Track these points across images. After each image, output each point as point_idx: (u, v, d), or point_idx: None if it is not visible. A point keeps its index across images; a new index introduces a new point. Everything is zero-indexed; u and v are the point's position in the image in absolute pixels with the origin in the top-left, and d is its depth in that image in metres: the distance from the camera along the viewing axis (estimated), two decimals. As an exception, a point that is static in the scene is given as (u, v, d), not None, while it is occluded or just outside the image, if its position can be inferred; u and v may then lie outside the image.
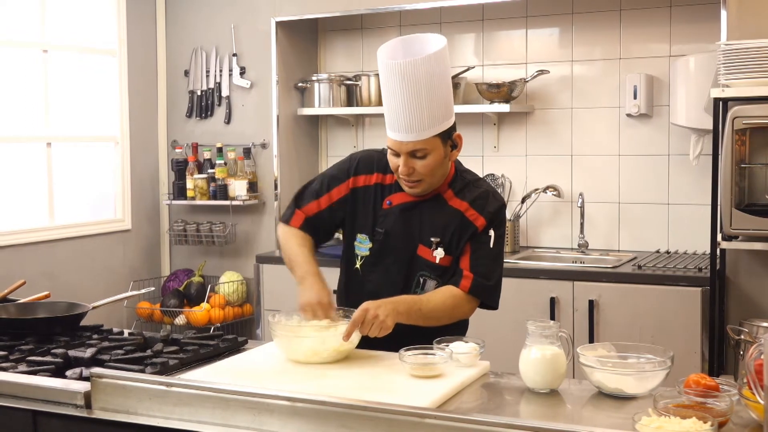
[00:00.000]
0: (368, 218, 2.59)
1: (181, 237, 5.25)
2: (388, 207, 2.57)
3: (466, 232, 2.53)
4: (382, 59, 2.43)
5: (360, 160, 2.64)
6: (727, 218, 3.61)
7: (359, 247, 2.61)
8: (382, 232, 2.56)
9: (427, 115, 2.40)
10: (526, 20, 4.72)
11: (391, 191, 2.58)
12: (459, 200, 2.55)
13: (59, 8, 4.84)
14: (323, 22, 5.21)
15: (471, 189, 2.57)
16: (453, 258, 2.54)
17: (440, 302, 2.48)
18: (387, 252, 2.57)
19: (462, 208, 2.54)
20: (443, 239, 2.53)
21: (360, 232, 2.60)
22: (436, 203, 2.56)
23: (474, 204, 2.54)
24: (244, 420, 1.84)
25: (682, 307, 3.81)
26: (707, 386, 1.89)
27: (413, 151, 2.44)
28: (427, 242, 2.54)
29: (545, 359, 2.11)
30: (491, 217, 2.54)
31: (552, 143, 4.70)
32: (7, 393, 2.11)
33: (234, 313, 5.07)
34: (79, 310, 2.69)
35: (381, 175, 2.60)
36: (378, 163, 2.61)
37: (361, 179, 2.61)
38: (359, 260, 2.61)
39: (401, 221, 2.56)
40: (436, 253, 2.53)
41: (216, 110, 5.29)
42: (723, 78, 3.59)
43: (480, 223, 2.53)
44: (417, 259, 2.55)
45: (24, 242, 4.59)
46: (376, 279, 2.58)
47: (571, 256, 4.52)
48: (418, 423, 1.69)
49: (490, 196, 2.57)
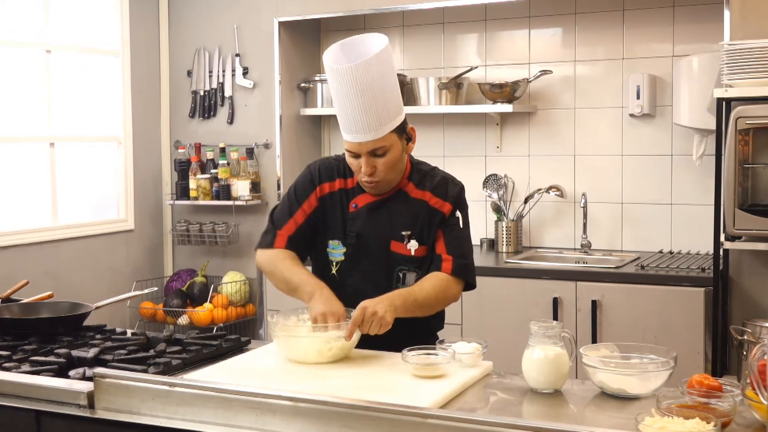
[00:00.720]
0: (338, 224, 2.63)
1: (184, 237, 5.25)
2: (354, 210, 2.61)
3: (434, 219, 2.60)
4: (329, 65, 2.46)
5: (320, 169, 2.68)
6: (730, 218, 3.60)
7: (332, 254, 2.64)
8: (354, 235, 2.60)
9: (381, 113, 2.46)
10: (529, 20, 4.72)
11: (354, 194, 2.63)
12: (420, 191, 2.62)
13: (62, 8, 4.84)
14: (326, 23, 5.21)
15: (429, 178, 2.64)
16: (427, 247, 2.60)
17: (431, 288, 2.52)
18: (362, 253, 2.61)
19: (426, 197, 2.61)
20: (414, 231, 2.59)
21: (331, 239, 2.63)
22: (399, 198, 2.61)
23: (435, 192, 2.61)
24: (246, 420, 1.84)
25: (685, 307, 3.80)
26: (710, 386, 1.88)
27: (373, 150, 2.49)
28: (398, 237, 2.59)
29: (548, 359, 2.11)
30: (455, 201, 2.62)
31: (555, 143, 4.70)
32: (10, 393, 2.11)
33: (237, 313, 5.07)
34: (82, 310, 2.70)
35: (342, 180, 2.65)
36: (337, 169, 2.67)
37: (326, 187, 2.66)
38: (335, 266, 2.64)
39: (370, 221, 2.60)
40: (410, 245, 2.59)
41: (219, 110, 5.29)
42: (726, 78, 3.58)
43: (447, 209, 2.60)
44: (392, 255, 2.60)
45: (27, 242, 4.60)
46: (356, 281, 2.60)
47: (574, 257, 4.52)
48: (420, 423, 1.69)
49: (449, 182, 2.65)
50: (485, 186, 4.74)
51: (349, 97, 2.44)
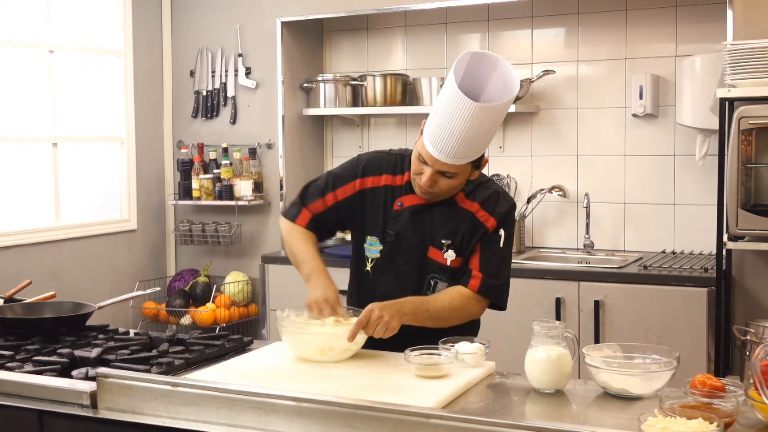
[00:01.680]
0: (378, 220, 2.58)
1: (187, 237, 5.25)
2: (399, 209, 2.56)
3: (476, 233, 2.52)
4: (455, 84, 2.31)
5: (367, 162, 2.62)
6: (733, 218, 3.60)
7: (369, 250, 2.59)
8: (393, 234, 2.55)
9: (471, 148, 2.38)
10: (532, 20, 4.72)
11: (401, 193, 2.57)
12: (470, 201, 2.54)
13: (65, 9, 4.85)
14: (328, 23, 5.21)
15: (481, 190, 2.56)
16: (463, 259, 2.54)
17: (447, 302, 2.47)
18: (398, 254, 2.56)
19: (473, 209, 2.53)
20: (454, 241, 2.53)
21: (370, 234, 2.59)
22: (447, 205, 2.54)
23: (484, 205, 2.53)
24: (249, 420, 1.84)
25: (688, 307, 3.80)
26: (713, 387, 1.88)
27: (443, 171, 2.42)
28: (437, 244, 2.53)
29: (551, 360, 2.10)
30: (502, 218, 2.53)
31: (558, 143, 4.69)
32: (13, 393, 2.11)
33: (239, 313, 5.07)
34: (85, 310, 2.70)
35: (390, 176, 2.59)
36: (386, 164, 2.60)
37: (369, 181, 2.59)
38: (369, 262, 2.60)
39: (412, 223, 2.54)
40: (447, 255, 2.53)
41: (221, 110, 5.29)
42: (729, 78, 3.58)
43: (491, 224, 2.52)
44: (428, 261, 2.55)
45: (30, 242, 4.60)
46: (388, 281, 2.56)
47: (576, 257, 4.52)
48: (423, 423, 1.69)
49: (500, 197, 2.56)
50: (488, 186, 4.73)
51: (453, 122, 2.33)
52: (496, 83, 2.40)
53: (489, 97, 2.39)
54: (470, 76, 2.38)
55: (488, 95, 2.39)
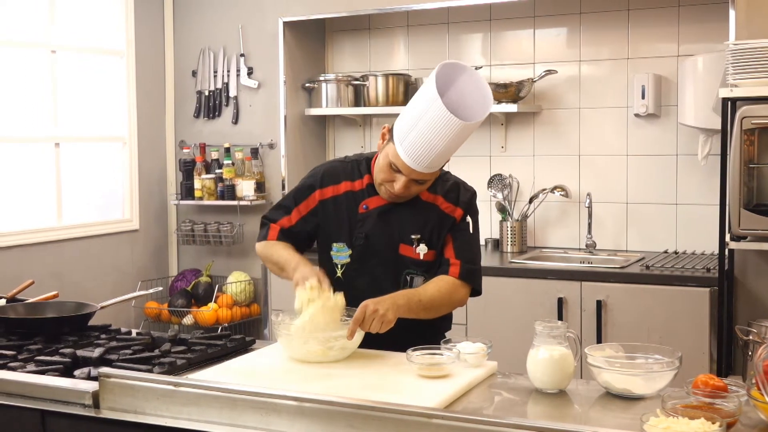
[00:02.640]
0: (343, 226, 2.62)
1: (189, 237, 5.26)
2: (365, 211, 2.61)
3: (445, 224, 2.59)
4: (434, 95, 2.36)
5: (324, 173, 2.68)
6: (736, 218, 3.60)
7: (337, 256, 2.63)
8: (363, 236, 2.60)
9: (445, 157, 2.47)
10: (534, 20, 4.72)
11: (363, 196, 2.62)
12: (431, 195, 2.61)
13: (67, 9, 4.85)
14: (330, 22, 5.21)
15: (440, 183, 2.63)
16: (436, 251, 2.59)
17: (436, 290, 2.52)
18: (370, 255, 2.60)
19: (437, 202, 2.60)
20: (423, 235, 2.59)
21: (335, 241, 2.63)
22: (410, 201, 2.60)
23: (447, 197, 2.61)
24: (251, 420, 1.84)
25: (691, 307, 3.80)
26: (715, 387, 1.88)
27: (417, 179, 2.50)
28: (408, 240, 2.59)
29: (553, 360, 2.10)
30: (466, 206, 2.62)
31: (560, 143, 4.69)
32: (15, 393, 2.11)
33: (241, 313, 5.08)
34: (87, 310, 2.70)
35: (349, 183, 2.64)
36: (343, 172, 2.66)
37: (329, 191, 2.65)
38: (339, 269, 2.63)
39: (380, 223, 2.60)
40: (419, 249, 2.58)
41: (223, 110, 5.30)
42: (731, 78, 3.58)
43: (458, 213, 2.60)
44: (400, 258, 2.59)
45: (32, 242, 4.60)
46: (363, 284, 2.59)
47: (578, 257, 4.52)
48: (425, 423, 1.69)
49: (461, 188, 2.65)
50: (490, 186, 4.74)
51: (435, 137, 2.39)
52: (475, 96, 2.46)
53: (470, 110, 2.44)
54: (449, 89, 2.44)
55: (469, 108, 2.44)
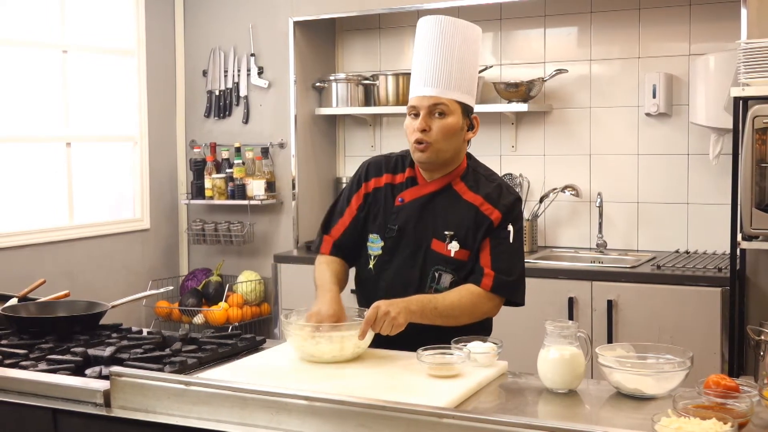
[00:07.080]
0: (380, 218, 2.61)
1: (200, 236, 5.27)
2: (400, 204, 2.59)
3: (481, 226, 2.52)
4: (420, 21, 2.57)
5: (369, 166, 2.68)
6: (747, 218, 3.58)
7: (371, 247, 2.62)
8: (395, 228, 2.57)
9: (453, 74, 2.48)
10: (545, 19, 4.71)
11: (401, 189, 2.60)
12: (473, 194, 2.55)
13: (78, 9, 4.87)
14: (341, 22, 5.21)
15: (485, 183, 2.58)
16: (470, 253, 2.53)
17: (456, 299, 2.47)
18: (400, 248, 2.57)
19: (477, 202, 2.54)
20: (457, 233, 2.53)
21: (372, 233, 2.62)
22: (449, 197, 2.56)
23: (488, 198, 2.54)
24: (262, 419, 1.84)
25: (702, 307, 3.79)
26: (727, 387, 1.87)
27: (433, 109, 2.49)
28: (440, 236, 2.54)
29: (564, 359, 2.10)
30: (506, 210, 2.53)
31: (570, 143, 4.68)
32: (27, 391, 2.12)
33: (252, 313, 5.08)
34: (99, 309, 2.71)
35: (390, 175, 2.63)
36: (386, 165, 2.65)
37: (372, 183, 2.64)
38: (372, 260, 2.62)
39: (414, 216, 2.56)
40: (451, 246, 2.53)
41: (234, 110, 5.31)
42: (743, 77, 3.56)
43: (495, 216, 2.52)
44: (431, 253, 2.55)
45: (44, 242, 4.62)
46: (391, 276, 2.57)
47: (589, 256, 4.51)
48: (436, 423, 1.68)
49: (504, 190, 2.57)
50: (500, 185, 4.73)
51: (429, 48, 2.51)
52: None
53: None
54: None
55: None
